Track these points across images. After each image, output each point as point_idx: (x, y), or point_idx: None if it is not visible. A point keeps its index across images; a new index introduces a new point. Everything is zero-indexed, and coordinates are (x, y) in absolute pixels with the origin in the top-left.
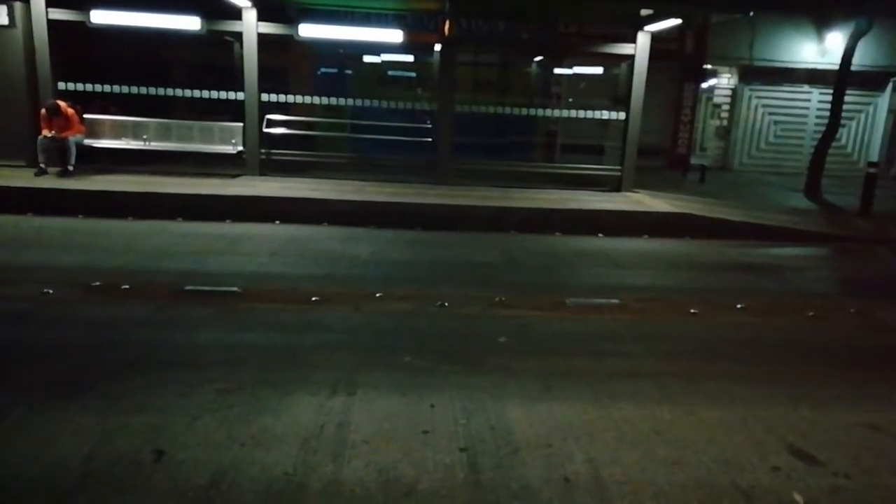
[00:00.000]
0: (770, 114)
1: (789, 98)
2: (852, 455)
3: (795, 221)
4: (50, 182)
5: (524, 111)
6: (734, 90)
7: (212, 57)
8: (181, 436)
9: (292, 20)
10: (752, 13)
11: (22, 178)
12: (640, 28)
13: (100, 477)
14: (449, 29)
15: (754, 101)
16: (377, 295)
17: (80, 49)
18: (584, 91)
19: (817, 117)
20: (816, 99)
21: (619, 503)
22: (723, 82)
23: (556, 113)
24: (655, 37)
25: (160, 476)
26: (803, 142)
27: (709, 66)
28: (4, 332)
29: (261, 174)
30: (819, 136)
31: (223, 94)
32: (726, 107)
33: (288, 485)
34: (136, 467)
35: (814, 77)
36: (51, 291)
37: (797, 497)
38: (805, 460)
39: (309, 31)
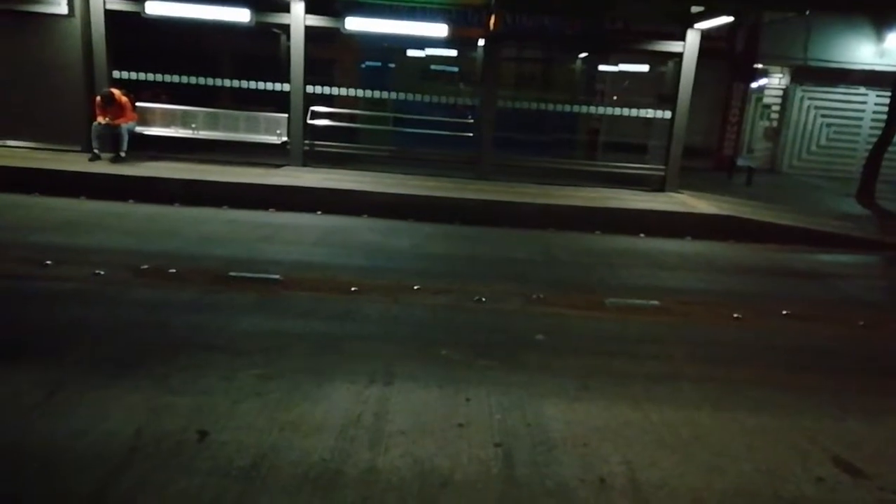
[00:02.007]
0: (823, 115)
1: (844, 100)
2: None
3: (846, 227)
4: (103, 167)
5: (567, 108)
6: (785, 91)
7: (259, 48)
8: (224, 418)
9: (339, 13)
10: (807, 12)
11: (77, 163)
12: (690, 25)
13: (147, 453)
14: (494, 24)
15: (806, 103)
16: (415, 288)
17: (134, 39)
18: (629, 89)
19: (873, 120)
20: (873, 101)
21: None
22: (773, 82)
23: (600, 110)
24: (705, 35)
25: (204, 455)
26: (857, 145)
27: (759, 66)
28: (59, 311)
29: (304, 165)
30: (874, 139)
31: (269, 86)
32: (776, 108)
33: (325, 470)
34: (181, 446)
35: (871, 78)
36: (102, 273)
37: None
38: (851, 473)
39: (355, 24)
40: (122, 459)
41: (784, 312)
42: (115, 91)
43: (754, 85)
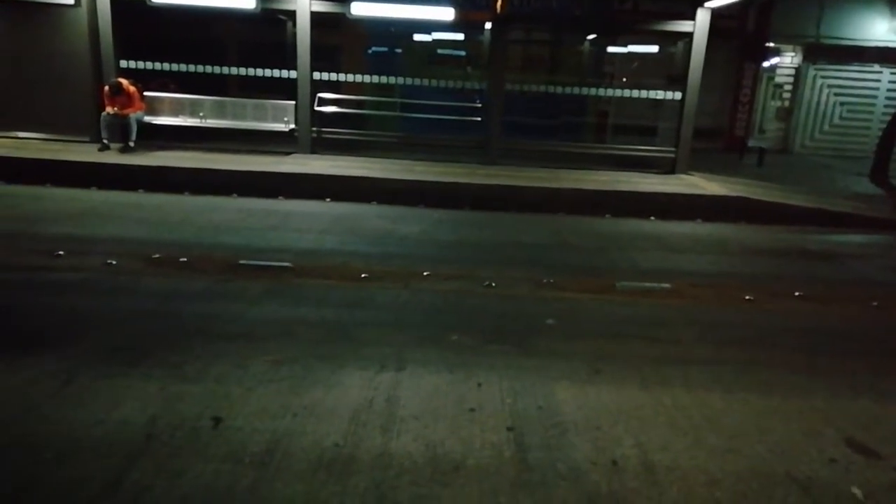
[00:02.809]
0: (836, 94)
1: (857, 78)
2: None
3: (859, 207)
4: (112, 157)
5: (575, 90)
6: (798, 69)
7: (265, 36)
8: (238, 404)
9: None
10: None
11: (86, 154)
12: (700, 4)
13: (162, 440)
14: (501, 6)
15: (819, 81)
16: (425, 274)
17: (140, 28)
18: (638, 70)
19: (887, 98)
20: (887, 79)
21: (669, 489)
22: (785, 61)
23: (609, 92)
24: (715, 13)
25: (218, 442)
26: (871, 124)
27: (771, 45)
28: (73, 301)
29: (312, 152)
30: (889, 117)
31: (276, 73)
32: (788, 87)
33: (338, 455)
34: (196, 432)
35: (885, 56)
36: (114, 262)
37: (855, 491)
38: (864, 454)
39: (361, 9)
40: (138, 446)
41: (796, 294)
42: (123, 81)
43: (766, 64)
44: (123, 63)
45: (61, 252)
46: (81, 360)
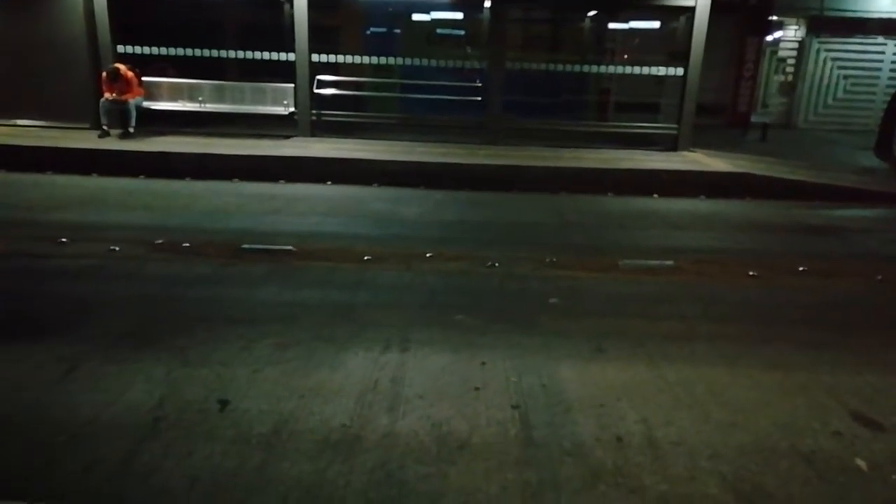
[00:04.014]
0: (840, 67)
1: (861, 50)
2: None
3: (863, 181)
4: (112, 144)
5: (577, 68)
6: (801, 43)
7: (263, 18)
8: (244, 387)
9: None
10: None
11: (86, 140)
12: None
13: (170, 423)
14: None
15: (823, 55)
16: (428, 255)
17: (136, 12)
18: (640, 47)
19: (892, 71)
20: (891, 51)
21: (674, 463)
22: (789, 35)
23: (611, 70)
24: None
25: (225, 424)
26: (875, 97)
27: (774, 18)
28: (78, 287)
29: (312, 135)
30: (893, 90)
31: (275, 56)
32: (792, 61)
33: (345, 435)
34: (203, 415)
35: (889, 28)
36: (117, 249)
37: (860, 463)
38: (869, 426)
39: None
40: (147, 429)
41: (800, 269)
42: (121, 66)
43: (769, 38)
44: (121, 48)
45: (64, 239)
46: (88, 345)
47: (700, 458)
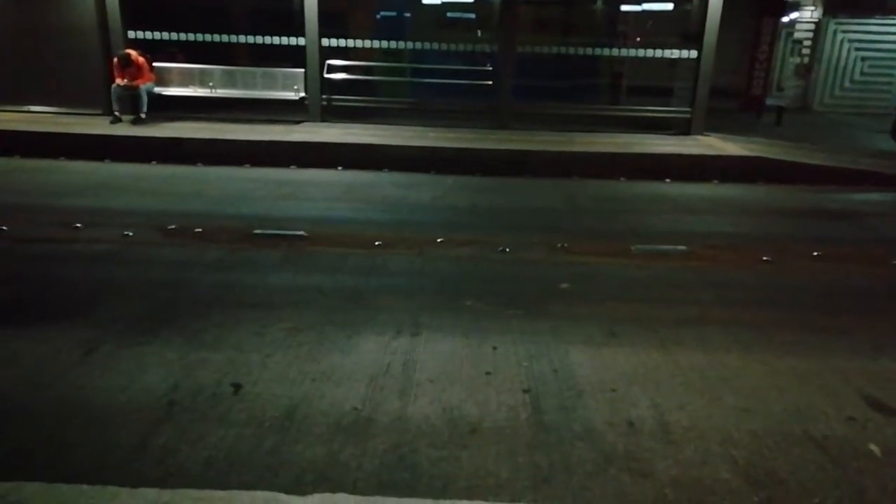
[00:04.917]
0: (857, 49)
1: (879, 31)
2: None
3: (880, 165)
4: (124, 129)
5: (589, 51)
6: (818, 24)
7: (273, 2)
8: (256, 371)
9: None
10: None
11: (98, 126)
12: None
13: (184, 406)
14: None
15: (840, 36)
16: (439, 240)
17: None
18: (653, 29)
19: None
20: None
21: (686, 448)
22: (805, 16)
23: (623, 53)
24: None
25: (239, 407)
26: (893, 79)
27: None
28: (93, 272)
29: (323, 120)
30: None
31: (285, 40)
32: (808, 42)
33: (357, 419)
34: (217, 399)
35: None
36: (131, 234)
37: (873, 448)
38: (883, 412)
39: None
40: (161, 412)
41: (815, 254)
42: (132, 52)
43: (785, 19)
44: (131, 34)
45: (79, 224)
46: (103, 329)
47: (712, 443)
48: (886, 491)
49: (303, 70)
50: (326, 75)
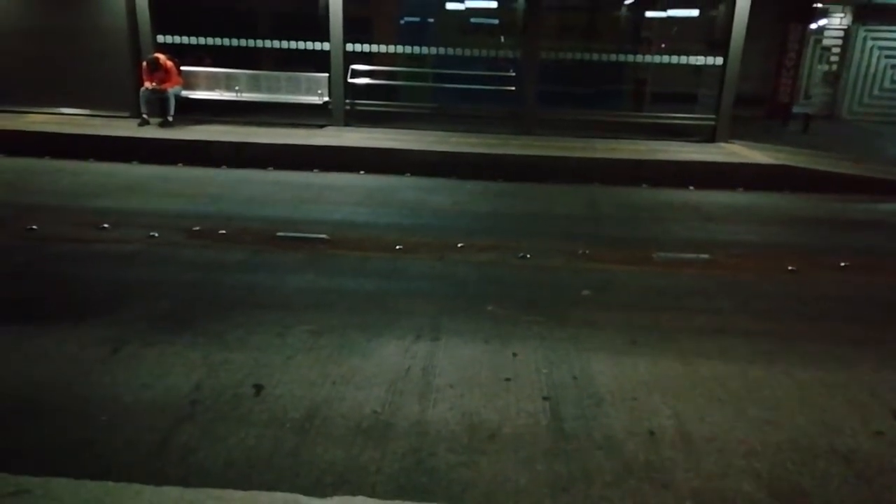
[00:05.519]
0: (887, 56)
1: None
2: None
3: None
4: (152, 132)
5: (612, 58)
6: (847, 31)
7: (298, 7)
8: (278, 372)
9: None
10: None
11: (127, 129)
12: None
13: (206, 406)
14: None
15: (869, 43)
16: (460, 245)
17: (174, 1)
18: (677, 35)
19: None
20: None
21: (707, 459)
22: (834, 22)
23: (647, 59)
24: None
25: (260, 408)
26: None
27: (819, 5)
28: (119, 272)
29: (346, 125)
30: None
31: (309, 45)
32: (836, 49)
33: (376, 422)
34: (239, 399)
35: None
36: (157, 235)
37: None
38: None
39: None
40: (184, 412)
41: (842, 264)
42: (161, 56)
43: (813, 26)
44: (160, 38)
45: (106, 225)
46: (128, 328)
47: (734, 456)
48: None
49: (327, 75)
50: (350, 80)
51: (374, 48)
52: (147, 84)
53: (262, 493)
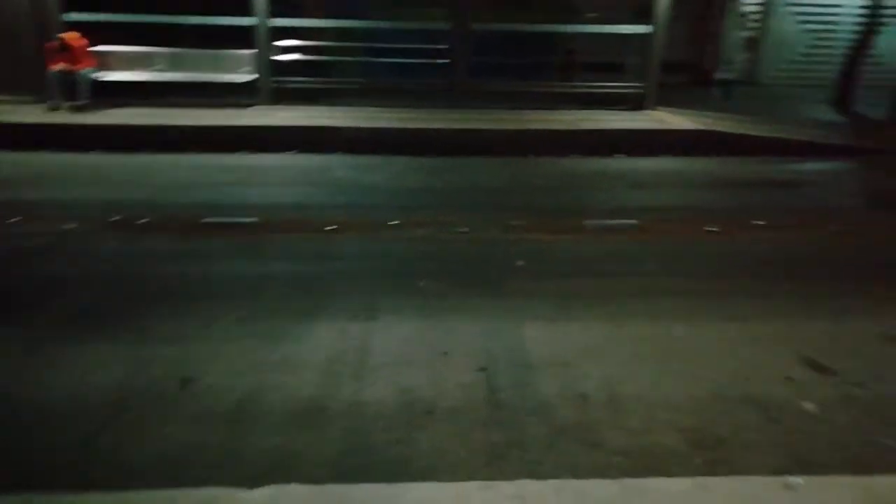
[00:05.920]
0: (803, 21)
1: (824, 4)
2: (868, 365)
3: (821, 135)
4: (63, 117)
5: (542, 28)
6: None
7: None
8: (207, 363)
9: None
10: None
11: (36, 114)
12: None
13: (133, 403)
14: None
15: (785, 9)
16: (394, 222)
17: None
18: (605, 5)
19: (852, 24)
20: (854, 4)
21: (634, 417)
22: None
23: (577, 28)
24: None
25: (189, 401)
26: (837, 51)
27: None
28: (32, 268)
29: (273, 103)
30: (852, 43)
31: (234, 21)
32: (755, 15)
33: (312, 407)
34: (167, 393)
35: None
36: (73, 227)
37: (809, 406)
38: (819, 371)
39: None
40: (110, 412)
41: (759, 223)
42: (70, 35)
43: None
44: (69, 15)
45: (17, 218)
46: (46, 327)
47: (659, 411)
48: (819, 445)
49: (252, 51)
50: (276, 56)
51: (301, 22)
52: (55, 66)
53: (189, 490)
